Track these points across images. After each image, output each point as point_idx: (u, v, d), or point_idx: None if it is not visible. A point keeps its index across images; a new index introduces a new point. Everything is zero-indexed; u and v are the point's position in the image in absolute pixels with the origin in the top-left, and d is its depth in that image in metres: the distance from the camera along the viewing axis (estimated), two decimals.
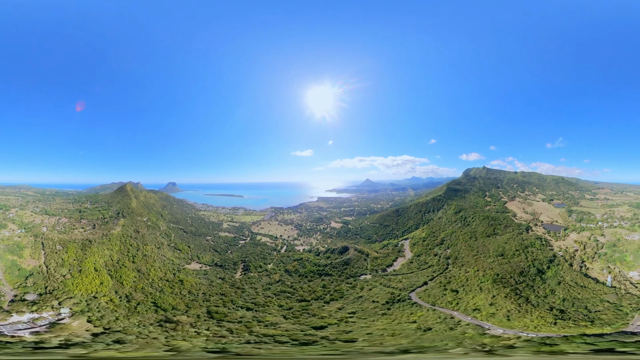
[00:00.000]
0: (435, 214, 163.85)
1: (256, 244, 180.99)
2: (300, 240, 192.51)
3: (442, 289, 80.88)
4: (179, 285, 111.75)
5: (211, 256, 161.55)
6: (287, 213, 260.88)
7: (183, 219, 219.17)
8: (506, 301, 63.47)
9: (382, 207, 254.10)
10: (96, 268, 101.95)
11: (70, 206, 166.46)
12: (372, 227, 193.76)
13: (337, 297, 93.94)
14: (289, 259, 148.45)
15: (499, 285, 71.22)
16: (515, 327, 54.15)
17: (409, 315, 67.27)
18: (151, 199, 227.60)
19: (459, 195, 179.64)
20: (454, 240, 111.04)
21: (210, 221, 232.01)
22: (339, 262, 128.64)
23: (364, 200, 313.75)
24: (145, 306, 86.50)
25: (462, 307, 66.19)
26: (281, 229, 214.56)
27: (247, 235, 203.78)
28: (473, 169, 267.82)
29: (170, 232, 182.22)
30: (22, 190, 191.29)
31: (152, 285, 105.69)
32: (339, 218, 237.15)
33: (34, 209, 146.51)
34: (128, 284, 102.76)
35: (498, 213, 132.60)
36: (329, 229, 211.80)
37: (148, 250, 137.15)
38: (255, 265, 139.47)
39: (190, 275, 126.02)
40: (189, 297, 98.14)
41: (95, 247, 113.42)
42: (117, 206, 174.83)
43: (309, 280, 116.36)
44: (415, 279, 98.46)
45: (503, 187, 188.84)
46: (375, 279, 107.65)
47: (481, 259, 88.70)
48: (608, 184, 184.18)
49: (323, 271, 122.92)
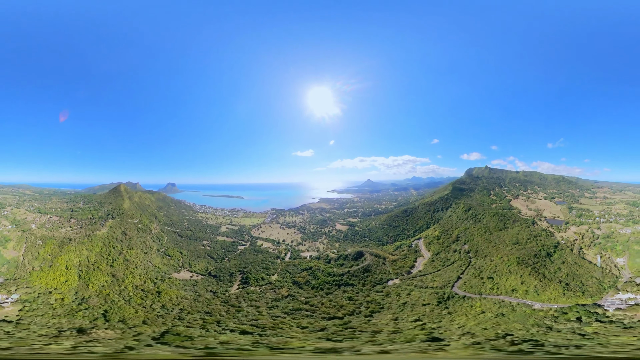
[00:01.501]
0: (444, 213, 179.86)
1: (257, 251, 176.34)
2: (306, 246, 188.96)
3: (479, 279, 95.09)
4: (154, 296, 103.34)
5: (205, 264, 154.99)
6: (289, 215, 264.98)
7: (179, 222, 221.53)
8: (531, 278, 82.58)
9: (386, 208, 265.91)
10: (67, 266, 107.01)
11: (64, 205, 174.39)
12: (381, 229, 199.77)
13: (376, 307, 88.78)
14: (296, 269, 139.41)
15: (522, 266, 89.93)
16: (544, 300, 73.76)
17: (470, 307, 78.29)
18: (147, 199, 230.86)
19: (464, 194, 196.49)
20: (470, 236, 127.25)
21: (208, 224, 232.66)
22: (358, 270, 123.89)
23: (367, 200, 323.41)
24: (92, 313, 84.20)
25: (503, 291, 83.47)
26: (283, 233, 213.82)
27: (247, 240, 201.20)
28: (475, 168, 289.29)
29: (163, 235, 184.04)
30: (20, 190, 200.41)
31: (120, 293, 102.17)
32: (343, 220, 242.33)
33: (28, 207, 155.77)
34: (94, 287, 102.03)
35: (505, 210, 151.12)
36: (334, 231, 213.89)
37: (132, 255, 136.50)
38: (256, 278, 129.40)
39: (174, 286, 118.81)
40: (159, 311, 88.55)
41: (74, 246, 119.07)
42: (109, 207, 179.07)
43: (327, 293, 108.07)
44: (447, 275, 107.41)
45: (506, 186, 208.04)
46: (405, 283, 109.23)
47: (500, 248, 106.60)
48: (608, 183, 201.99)
49: (341, 281, 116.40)
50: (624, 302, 64.68)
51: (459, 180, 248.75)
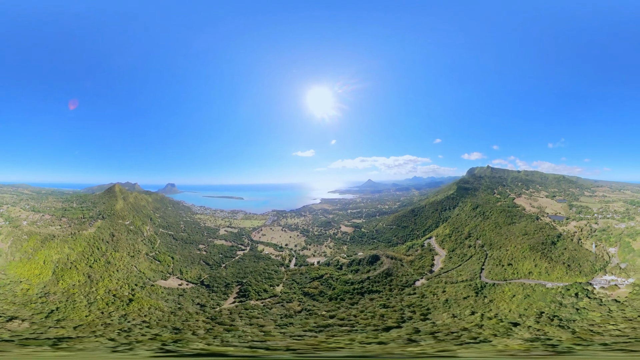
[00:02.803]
0: (452, 212, 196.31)
1: (258, 257, 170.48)
2: (311, 250, 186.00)
3: (501, 267, 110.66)
4: (123, 304, 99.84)
5: (199, 271, 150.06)
6: (291, 217, 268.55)
7: (175, 223, 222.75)
8: (541, 261, 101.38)
9: (390, 208, 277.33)
10: (45, 261, 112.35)
11: (58, 205, 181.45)
12: (390, 229, 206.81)
13: (422, 310, 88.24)
14: (304, 277, 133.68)
15: (534, 252, 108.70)
16: (553, 279, 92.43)
17: (502, 293, 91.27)
18: (142, 200, 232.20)
19: (469, 193, 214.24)
20: (481, 232, 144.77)
21: (206, 226, 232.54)
22: (378, 275, 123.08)
23: (370, 201, 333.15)
24: (43, 307, 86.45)
25: (522, 274, 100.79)
26: (286, 236, 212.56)
27: (247, 244, 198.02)
28: (477, 168, 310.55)
29: (156, 238, 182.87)
30: (19, 189, 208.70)
31: (87, 295, 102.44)
32: (347, 221, 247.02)
33: (24, 206, 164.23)
34: (63, 285, 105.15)
35: (510, 207, 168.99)
36: (339, 234, 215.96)
37: (116, 258, 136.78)
38: (257, 290, 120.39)
39: (155, 294, 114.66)
40: (113, 320, 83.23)
41: (56, 242, 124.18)
42: (101, 207, 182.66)
43: (352, 303, 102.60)
44: (470, 268, 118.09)
45: (508, 185, 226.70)
46: (434, 281, 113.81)
47: (511, 239, 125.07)
48: (607, 183, 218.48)
49: (364, 288, 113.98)
50: (607, 282, 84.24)
51: (463, 179, 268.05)
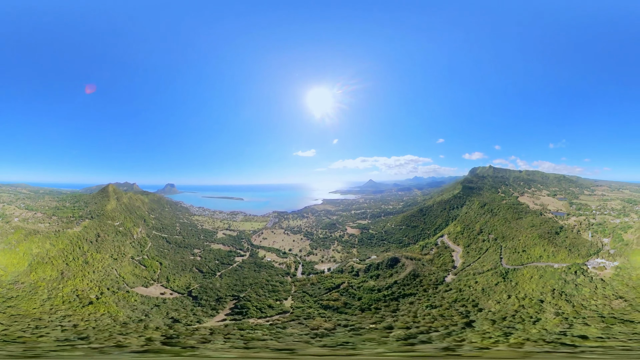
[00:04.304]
0: (460, 210, 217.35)
1: (259, 266, 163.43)
2: (318, 255, 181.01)
3: (517, 254, 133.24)
4: (82, 308, 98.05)
5: (189, 279, 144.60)
6: (293, 218, 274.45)
7: (171, 226, 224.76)
8: (549, 247, 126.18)
9: (394, 208, 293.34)
10: (25, 253, 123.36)
11: (53, 204, 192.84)
12: (399, 230, 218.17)
13: (470, 303, 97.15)
14: (317, 289, 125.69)
15: (542, 239, 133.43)
16: (558, 261, 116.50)
17: (522, 276, 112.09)
18: (137, 201, 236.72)
19: (474, 192, 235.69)
20: (492, 227, 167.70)
21: (203, 229, 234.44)
22: (406, 277, 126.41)
23: (372, 201, 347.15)
24: (7, 293, 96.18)
25: (534, 258, 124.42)
26: (289, 240, 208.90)
27: (246, 249, 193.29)
28: (479, 167, 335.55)
29: (148, 241, 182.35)
30: (17, 189, 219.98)
31: (52, 290, 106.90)
32: (352, 222, 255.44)
33: (19, 204, 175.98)
34: (35, 277, 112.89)
35: (515, 205, 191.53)
36: (346, 236, 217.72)
37: (96, 259, 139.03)
38: (259, 306, 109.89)
39: (124, 301, 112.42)
40: (48, 320, 79.73)
41: (39, 237, 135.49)
42: (93, 207, 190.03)
43: (394, 310, 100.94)
44: (490, 258, 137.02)
45: (511, 185, 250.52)
46: (463, 274, 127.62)
47: (521, 230, 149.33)
48: (607, 182, 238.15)
49: (395, 293, 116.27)
50: (598, 264, 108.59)
51: (467, 179, 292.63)
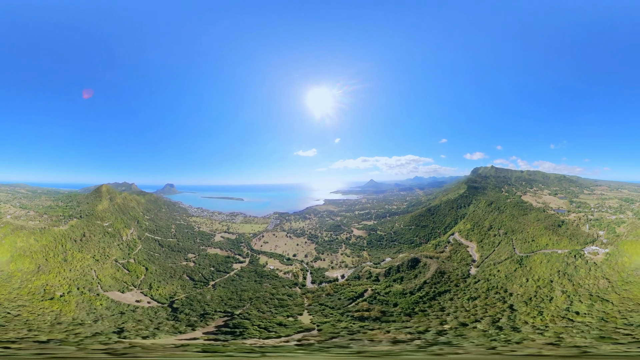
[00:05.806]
0: (467, 209, 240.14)
1: (260, 275, 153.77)
2: (326, 260, 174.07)
3: (527, 243, 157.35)
4: (40, 302, 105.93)
5: (176, 288, 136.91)
6: (294, 220, 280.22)
7: (166, 227, 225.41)
8: (553, 236, 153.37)
9: (398, 208, 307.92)
10: (10, 245, 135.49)
11: (47, 203, 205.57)
12: (409, 230, 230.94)
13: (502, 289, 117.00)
14: (336, 299, 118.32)
15: (547, 230, 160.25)
16: (561, 247, 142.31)
17: (535, 260, 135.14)
18: (132, 201, 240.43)
19: (479, 192, 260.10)
20: (501, 223, 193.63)
21: (200, 231, 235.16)
22: (434, 275, 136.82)
23: (375, 201, 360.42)
24: None
25: (542, 246, 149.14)
26: (292, 244, 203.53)
27: (246, 254, 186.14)
28: (481, 168, 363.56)
29: (138, 243, 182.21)
30: (16, 189, 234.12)
31: (23, 282, 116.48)
32: (357, 223, 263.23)
33: (15, 203, 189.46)
34: (13, 267, 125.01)
35: (519, 203, 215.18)
36: (353, 238, 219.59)
37: (76, 258, 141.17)
38: (264, 325, 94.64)
39: (87, 302, 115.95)
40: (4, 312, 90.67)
41: (24, 233, 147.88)
42: (84, 207, 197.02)
43: (442, 309, 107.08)
44: (504, 249, 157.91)
45: (513, 184, 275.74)
46: (485, 265, 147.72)
47: (528, 224, 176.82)
48: (606, 182, 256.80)
49: (430, 293, 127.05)
50: (592, 250, 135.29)
51: (471, 179, 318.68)
